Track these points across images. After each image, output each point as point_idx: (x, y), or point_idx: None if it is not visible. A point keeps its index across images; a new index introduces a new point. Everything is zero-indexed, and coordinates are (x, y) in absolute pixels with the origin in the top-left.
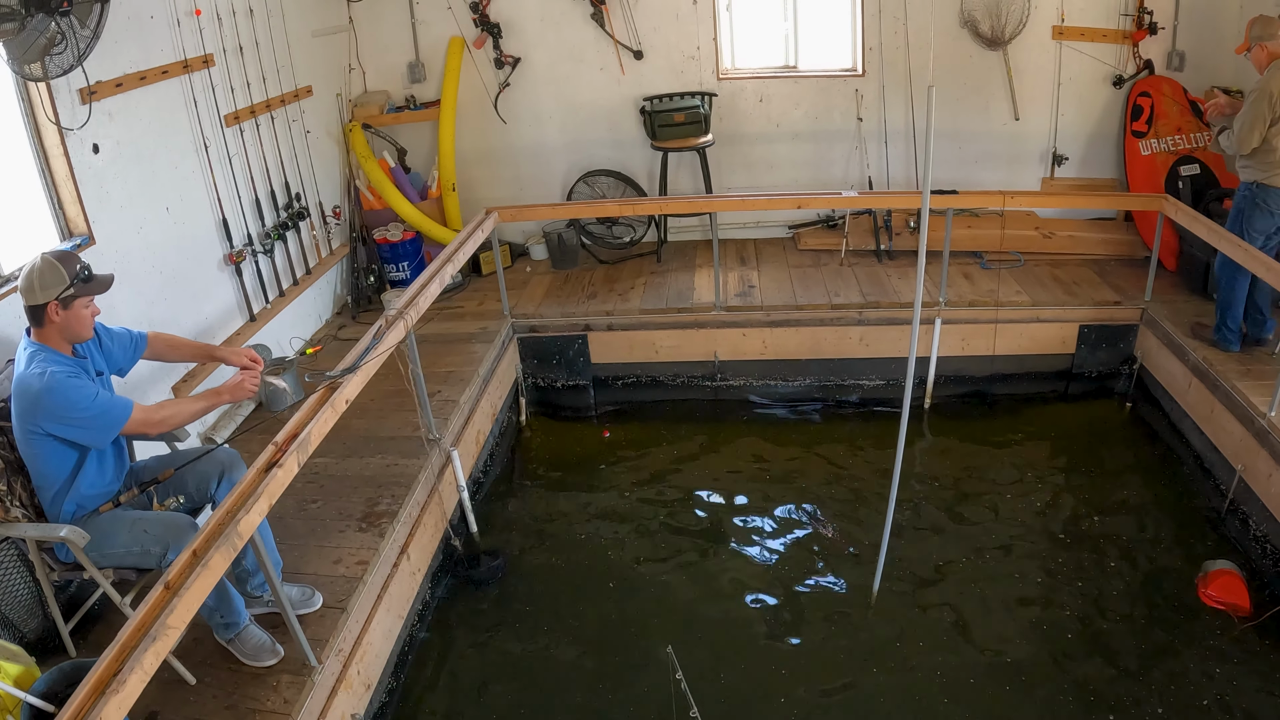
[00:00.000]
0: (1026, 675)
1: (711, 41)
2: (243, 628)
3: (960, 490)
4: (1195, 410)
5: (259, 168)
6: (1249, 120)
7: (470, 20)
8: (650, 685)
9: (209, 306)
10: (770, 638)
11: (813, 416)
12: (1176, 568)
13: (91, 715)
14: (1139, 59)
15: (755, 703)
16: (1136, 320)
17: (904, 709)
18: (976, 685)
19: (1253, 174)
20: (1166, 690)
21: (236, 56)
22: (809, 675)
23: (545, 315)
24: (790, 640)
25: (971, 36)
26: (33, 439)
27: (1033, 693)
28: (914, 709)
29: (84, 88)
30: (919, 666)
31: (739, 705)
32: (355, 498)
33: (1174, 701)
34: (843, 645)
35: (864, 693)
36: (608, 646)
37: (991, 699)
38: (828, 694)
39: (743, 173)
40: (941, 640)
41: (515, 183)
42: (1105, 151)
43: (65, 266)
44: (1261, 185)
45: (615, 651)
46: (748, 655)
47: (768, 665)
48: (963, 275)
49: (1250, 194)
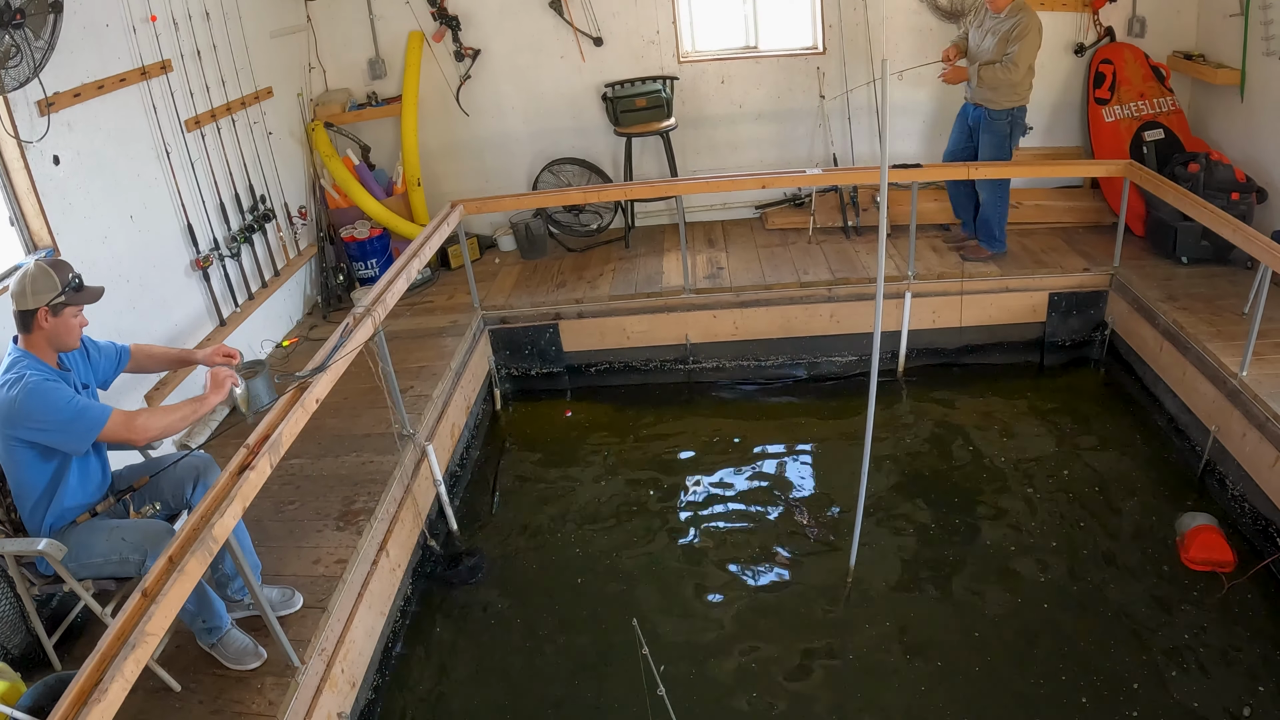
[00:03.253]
0: (1016, 646)
1: (671, 25)
2: (225, 632)
3: (936, 462)
4: (1168, 373)
5: (222, 171)
6: (1027, 52)
7: (429, 14)
8: (628, 669)
9: (178, 313)
10: (746, 615)
11: (786, 396)
12: (1160, 532)
13: None
14: (1100, 26)
15: (727, 682)
16: (1106, 286)
17: (882, 684)
18: (961, 659)
19: (1013, 99)
20: (1170, 655)
21: (195, 61)
22: (785, 652)
23: (515, 306)
24: (766, 618)
25: (930, 9)
26: (12, 447)
27: (1026, 665)
28: (894, 683)
29: (41, 99)
30: (899, 640)
31: (710, 685)
32: (332, 497)
33: (1177, 664)
34: (819, 620)
35: (843, 668)
36: (585, 633)
37: (979, 672)
38: (805, 669)
39: (707, 155)
40: (922, 612)
41: (481, 175)
42: (1069, 120)
43: (58, 274)
44: (1021, 107)
45: (592, 638)
46: (720, 634)
47: (742, 644)
48: (930, 249)
49: (1011, 116)
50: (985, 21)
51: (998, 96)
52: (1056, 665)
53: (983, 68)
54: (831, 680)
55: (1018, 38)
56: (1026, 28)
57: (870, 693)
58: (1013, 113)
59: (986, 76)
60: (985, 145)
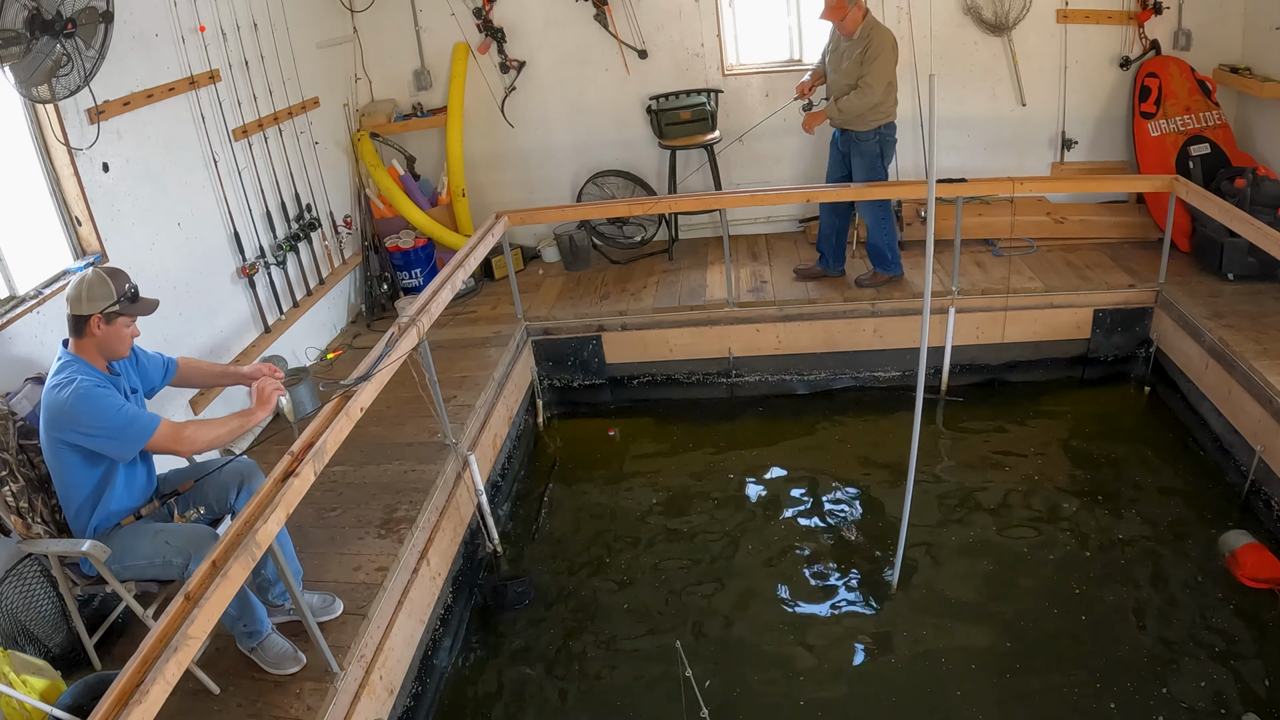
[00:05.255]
0: (1065, 664)
1: (715, 38)
2: (265, 636)
3: (980, 478)
4: (1213, 392)
5: (269, 180)
6: (881, 72)
7: (474, 26)
8: (669, 690)
9: (223, 320)
10: (788, 636)
11: (828, 411)
12: (1206, 550)
13: None
14: (1145, 39)
15: (770, 704)
16: (1151, 303)
17: (927, 707)
18: (1008, 677)
19: (881, 117)
20: (1235, 673)
21: (243, 71)
22: (826, 673)
23: (559, 317)
24: (808, 638)
25: (975, 23)
26: (59, 450)
27: (1081, 687)
28: (939, 706)
29: (92, 108)
30: (943, 660)
31: (753, 706)
32: (373, 505)
33: (1239, 681)
34: (862, 641)
35: (887, 687)
36: (628, 645)
37: (1028, 690)
38: (847, 693)
39: (751, 168)
40: (965, 627)
41: (525, 186)
42: (1114, 134)
43: (114, 283)
44: (889, 124)
45: (635, 649)
46: (763, 652)
47: (783, 665)
48: (975, 263)
49: (879, 135)
50: (840, 45)
51: (861, 120)
52: (1115, 687)
53: (838, 101)
54: (875, 700)
55: (870, 59)
56: (879, 47)
57: (912, 714)
58: (880, 131)
59: (845, 108)
60: (858, 169)
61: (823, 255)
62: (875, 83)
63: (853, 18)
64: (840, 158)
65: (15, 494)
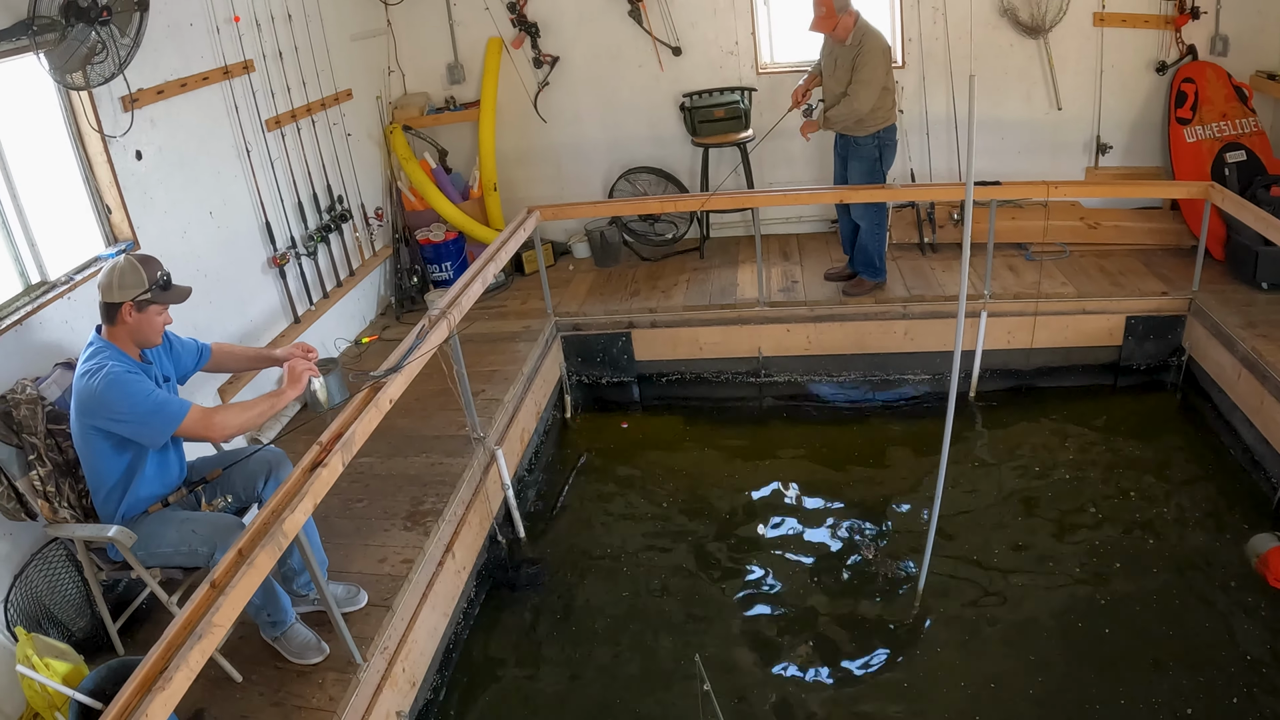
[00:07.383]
0: (1099, 673)
1: (750, 36)
2: (289, 626)
3: (1009, 485)
4: (1245, 402)
5: (301, 171)
6: (874, 79)
7: (508, 20)
8: (684, 695)
9: (253, 309)
10: (809, 645)
11: (857, 413)
12: (1238, 559)
13: (138, 712)
14: (1181, 44)
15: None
16: (1184, 311)
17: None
18: (1043, 689)
19: (879, 122)
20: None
21: (276, 61)
22: (850, 684)
23: (589, 313)
24: (830, 646)
25: (1011, 25)
26: (89, 435)
27: (1114, 697)
28: (969, 712)
29: (126, 95)
30: (969, 671)
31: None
32: (400, 497)
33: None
34: (885, 649)
35: (910, 698)
36: (645, 650)
37: (1060, 701)
38: (870, 708)
39: (784, 167)
40: (994, 642)
41: (556, 181)
42: (1150, 139)
43: (146, 270)
44: (889, 127)
45: (650, 656)
46: (780, 662)
47: (804, 674)
48: (1007, 267)
49: (878, 140)
50: (834, 50)
51: (860, 125)
52: (1152, 697)
53: (828, 111)
54: (899, 711)
55: (861, 64)
56: (870, 52)
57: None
58: (879, 135)
59: (834, 116)
60: (855, 172)
61: (851, 258)
62: (863, 90)
63: (844, 25)
64: (841, 161)
65: (43, 478)
